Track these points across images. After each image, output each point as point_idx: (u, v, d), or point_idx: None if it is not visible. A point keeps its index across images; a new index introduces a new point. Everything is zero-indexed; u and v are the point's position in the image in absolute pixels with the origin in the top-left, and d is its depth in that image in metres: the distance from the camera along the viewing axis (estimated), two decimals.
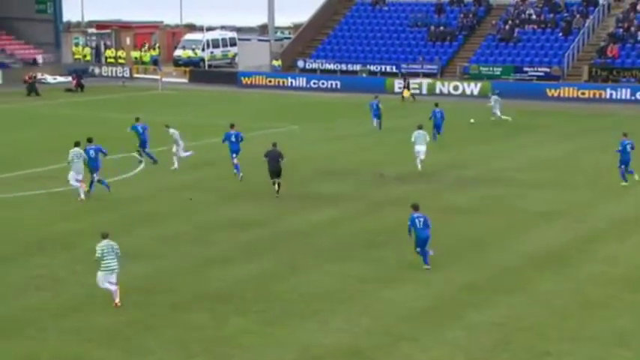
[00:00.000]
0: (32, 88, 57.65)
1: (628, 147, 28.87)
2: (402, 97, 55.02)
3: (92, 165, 27.50)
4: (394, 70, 61.62)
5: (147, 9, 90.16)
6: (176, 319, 16.92)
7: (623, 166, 28.99)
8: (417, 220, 19.79)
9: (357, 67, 62.77)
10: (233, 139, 30.04)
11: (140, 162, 32.10)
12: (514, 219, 24.78)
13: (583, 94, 54.32)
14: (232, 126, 30.56)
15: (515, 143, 38.41)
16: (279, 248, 21.74)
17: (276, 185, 27.33)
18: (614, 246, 22.03)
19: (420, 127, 32.01)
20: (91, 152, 27.61)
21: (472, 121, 43.31)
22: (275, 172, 27.26)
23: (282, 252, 21.44)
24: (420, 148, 31.39)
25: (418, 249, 19.89)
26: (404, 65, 61.56)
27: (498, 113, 44.49)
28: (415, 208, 20.12)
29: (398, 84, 57.77)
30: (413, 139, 31.47)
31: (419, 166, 31.41)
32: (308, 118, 46.16)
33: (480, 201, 27.11)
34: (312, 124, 44.19)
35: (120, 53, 73.90)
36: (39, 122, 44.58)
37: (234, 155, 29.96)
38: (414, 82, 58.15)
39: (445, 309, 17.53)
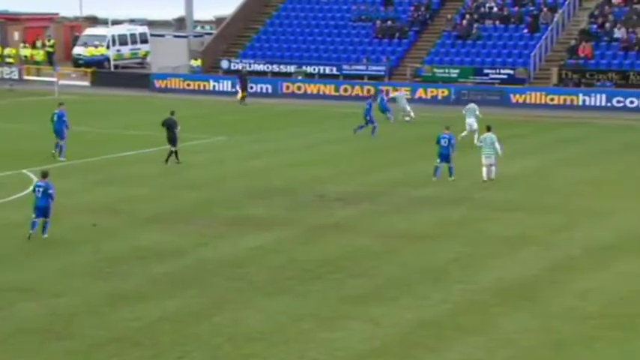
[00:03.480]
0: None
1: (442, 141, 32.98)
2: (240, 99, 57.01)
3: None
4: (334, 71, 61.93)
5: None
6: None
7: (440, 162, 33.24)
8: (36, 189, 25.08)
9: (292, 69, 62.99)
10: (56, 118, 36.28)
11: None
12: (475, 246, 25.04)
13: (552, 99, 55.17)
14: (60, 104, 37.55)
15: (473, 157, 38.88)
16: (202, 282, 21.68)
17: (170, 153, 35.04)
18: (590, 276, 22.44)
19: (472, 101, 43.61)
20: None
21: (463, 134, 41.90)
22: (171, 140, 35.43)
23: (205, 286, 21.38)
24: (471, 122, 40.75)
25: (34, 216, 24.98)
26: (346, 66, 61.89)
27: (408, 108, 48.57)
28: (44, 175, 25.24)
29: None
30: (464, 112, 41.52)
31: (463, 134, 39.84)
32: (235, 129, 46.15)
33: (436, 225, 27.39)
34: (241, 135, 44.18)
35: (7, 51, 72.90)
36: None
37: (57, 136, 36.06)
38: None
39: (395, 351, 17.66)
